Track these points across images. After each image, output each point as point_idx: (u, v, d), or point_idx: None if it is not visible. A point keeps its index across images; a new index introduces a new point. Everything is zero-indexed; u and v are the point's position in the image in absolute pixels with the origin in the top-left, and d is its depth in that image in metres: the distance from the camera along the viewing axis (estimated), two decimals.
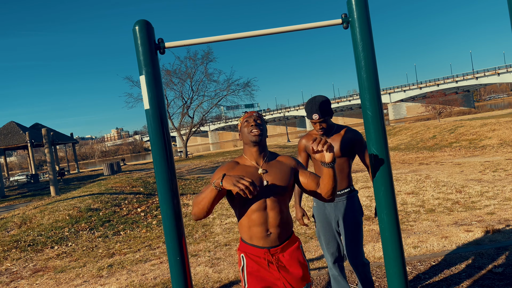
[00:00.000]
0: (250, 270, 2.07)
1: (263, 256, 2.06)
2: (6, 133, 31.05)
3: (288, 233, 2.11)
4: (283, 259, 2.08)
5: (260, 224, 2.03)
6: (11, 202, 16.07)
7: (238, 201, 2.07)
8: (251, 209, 2.02)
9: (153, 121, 2.13)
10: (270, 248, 2.05)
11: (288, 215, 2.11)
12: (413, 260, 3.94)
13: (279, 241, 2.07)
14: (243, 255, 2.10)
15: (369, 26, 2.11)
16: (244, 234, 2.09)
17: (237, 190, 1.83)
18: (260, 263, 2.07)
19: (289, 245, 2.10)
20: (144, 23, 2.12)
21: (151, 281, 4.39)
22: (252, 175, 2.06)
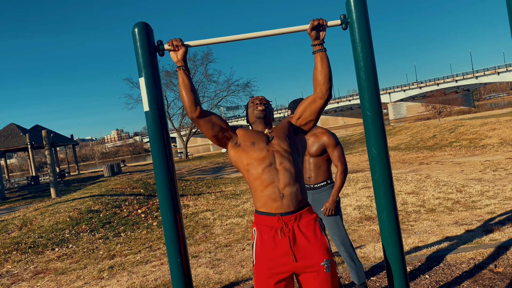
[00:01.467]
0: (260, 247, 1.98)
1: (276, 225, 1.95)
2: (6, 135, 31.06)
3: (303, 200, 2.02)
4: (297, 229, 1.96)
5: (271, 182, 1.98)
6: (12, 204, 16.07)
7: (247, 164, 2.06)
8: (262, 168, 2.01)
9: (153, 123, 2.13)
10: (283, 215, 1.95)
11: (301, 179, 2.06)
12: (413, 260, 3.94)
13: (293, 207, 1.97)
14: (255, 229, 2.04)
15: (368, 27, 2.11)
16: (258, 200, 2.03)
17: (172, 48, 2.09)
18: (271, 234, 1.96)
19: (304, 215, 1.99)
20: (143, 25, 2.13)
21: (151, 283, 4.39)
22: (261, 136, 2.13)
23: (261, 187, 2.01)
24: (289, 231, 1.94)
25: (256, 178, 2.02)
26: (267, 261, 1.95)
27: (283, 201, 1.97)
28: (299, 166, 2.09)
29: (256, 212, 2.07)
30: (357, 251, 4.56)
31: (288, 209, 1.96)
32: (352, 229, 5.74)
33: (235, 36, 2.19)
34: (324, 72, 2.08)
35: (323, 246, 1.97)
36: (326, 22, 2.11)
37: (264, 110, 2.18)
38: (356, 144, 25.46)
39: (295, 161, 2.06)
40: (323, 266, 1.94)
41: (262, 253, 1.97)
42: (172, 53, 2.13)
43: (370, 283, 3.52)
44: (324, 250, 1.97)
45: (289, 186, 1.98)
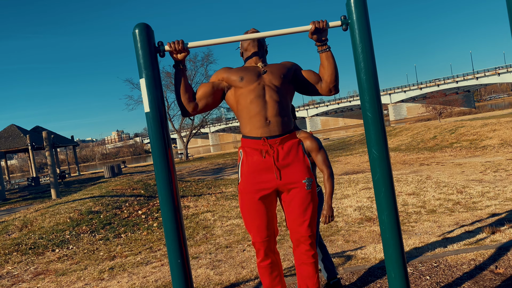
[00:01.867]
0: (246, 166, 2.10)
1: (261, 146, 2.06)
2: (6, 136, 31.08)
3: (288, 128, 2.11)
4: (281, 152, 2.07)
5: (259, 111, 2.05)
6: (12, 205, 16.07)
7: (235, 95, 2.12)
8: (250, 99, 2.06)
9: (153, 124, 2.13)
10: (268, 138, 2.06)
11: (288, 112, 2.13)
12: (414, 261, 3.93)
13: (279, 131, 2.07)
14: (241, 151, 2.14)
15: (368, 28, 2.11)
16: (245, 127, 2.11)
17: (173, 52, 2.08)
18: (257, 155, 2.07)
19: (289, 138, 2.10)
20: (144, 27, 2.13)
21: (152, 284, 4.39)
22: (252, 70, 2.15)
23: (248, 116, 2.08)
24: (273, 152, 2.06)
25: (243, 108, 2.09)
26: (252, 178, 2.08)
27: (269, 127, 2.07)
28: (288, 102, 2.15)
29: (243, 137, 2.16)
30: (357, 252, 4.55)
31: (274, 133, 2.07)
32: (352, 230, 5.73)
33: (236, 37, 2.19)
34: (330, 71, 2.13)
35: (305, 165, 2.10)
36: (327, 23, 2.12)
37: (257, 39, 2.23)
38: (356, 145, 25.46)
39: (284, 97, 2.12)
40: (304, 184, 2.09)
41: (248, 172, 2.09)
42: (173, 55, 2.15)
43: (371, 284, 3.52)
44: (305, 170, 2.10)
45: (276, 116, 2.07)
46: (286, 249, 5.05)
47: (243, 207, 2.16)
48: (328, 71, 2.13)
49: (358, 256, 4.38)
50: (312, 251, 2.25)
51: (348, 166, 15.60)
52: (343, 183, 10.24)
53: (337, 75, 2.16)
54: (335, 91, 2.18)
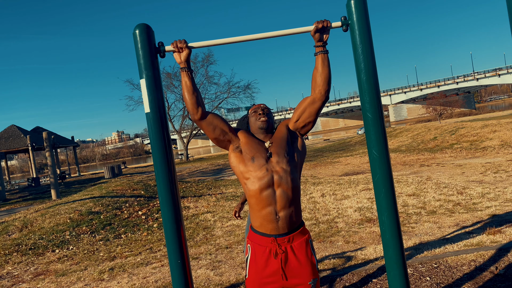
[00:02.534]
0: (254, 264, 2.09)
1: (270, 245, 2.05)
2: (7, 137, 31.09)
3: (297, 222, 2.09)
4: (290, 253, 2.06)
5: (269, 204, 2.03)
6: (12, 206, 16.07)
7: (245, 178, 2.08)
8: (259, 188, 2.03)
9: (154, 124, 2.13)
10: (277, 237, 2.04)
11: (298, 199, 2.10)
12: (414, 262, 3.93)
13: (288, 229, 2.05)
14: (250, 246, 2.13)
15: (368, 28, 2.11)
16: (255, 220, 2.10)
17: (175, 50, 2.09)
18: (265, 254, 2.06)
19: (297, 237, 2.09)
20: (144, 27, 2.13)
21: (152, 284, 4.39)
22: (259, 147, 2.12)
23: (258, 207, 2.05)
24: (282, 253, 2.04)
25: (253, 196, 2.06)
26: (259, 278, 2.07)
27: (278, 223, 2.03)
28: (297, 184, 2.11)
29: (252, 229, 2.14)
30: (357, 253, 4.55)
31: (283, 231, 2.04)
32: (353, 231, 5.73)
33: (237, 37, 2.19)
34: (324, 74, 2.10)
35: (312, 266, 2.09)
36: (330, 24, 2.12)
37: (267, 121, 2.18)
38: (356, 146, 25.46)
39: (293, 181, 2.08)
40: (310, 285, 2.08)
41: (255, 271, 2.08)
42: (175, 55, 2.14)
43: (371, 285, 3.52)
44: (312, 270, 2.09)
45: (285, 209, 2.04)
46: None
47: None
48: (322, 74, 2.10)
49: (358, 257, 4.38)
50: None
51: (349, 167, 15.59)
52: (344, 184, 10.24)
53: (330, 81, 2.13)
54: (325, 97, 2.13)
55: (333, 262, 4.31)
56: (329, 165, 17.10)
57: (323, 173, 14.35)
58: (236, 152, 2.14)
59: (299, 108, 2.18)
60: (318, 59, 2.11)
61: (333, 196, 8.66)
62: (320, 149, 28.89)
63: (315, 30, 2.10)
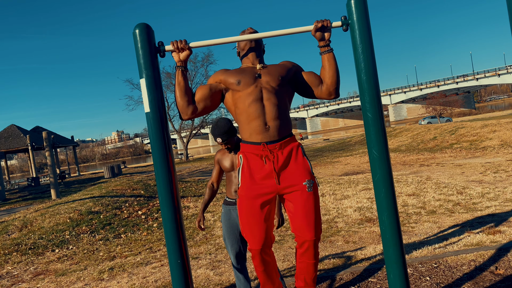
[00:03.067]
0: (246, 171, 2.10)
1: (261, 152, 2.06)
2: (6, 136, 31.07)
3: (287, 131, 2.12)
4: (281, 156, 2.07)
5: (257, 116, 2.06)
6: (12, 205, 16.06)
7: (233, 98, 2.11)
8: (248, 102, 2.06)
9: (154, 124, 2.13)
10: (268, 144, 2.06)
11: (287, 114, 2.13)
12: (414, 262, 3.93)
13: (278, 136, 2.07)
14: (241, 156, 2.15)
15: (368, 28, 2.11)
16: (244, 132, 2.12)
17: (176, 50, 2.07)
18: (257, 160, 2.07)
19: (288, 143, 2.10)
20: (144, 27, 2.13)
21: (152, 284, 4.38)
22: (249, 72, 2.13)
23: (247, 121, 2.08)
24: (273, 157, 2.07)
25: (242, 112, 2.09)
26: (252, 184, 2.07)
27: (268, 132, 2.07)
28: (286, 104, 2.14)
29: (242, 142, 2.17)
30: (357, 253, 4.55)
31: (274, 138, 2.07)
32: (352, 231, 5.73)
33: (237, 37, 2.19)
34: (331, 73, 2.12)
35: (305, 168, 2.09)
36: (330, 23, 2.12)
37: (254, 32, 2.22)
38: (356, 145, 25.46)
39: (282, 98, 2.11)
40: (305, 186, 2.07)
41: (248, 177, 2.09)
42: (174, 54, 2.14)
43: (371, 284, 3.52)
44: (306, 172, 2.10)
45: (274, 120, 2.07)
46: (286, 250, 5.05)
47: (242, 212, 2.14)
48: (329, 73, 2.12)
49: (358, 257, 4.38)
50: (315, 253, 2.27)
51: (348, 166, 15.59)
52: (343, 184, 10.24)
53: (339, 78, 2.14)
54: (335, 95, 2.16)
55: (332, 262, 4.31)
56: (328, 165, 17.10)
57: (323, 173, 14.35)
58: (225, 92, 2.18)
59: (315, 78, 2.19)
60: (324, 58, 2.13)
61: (332, 196, 8.67)
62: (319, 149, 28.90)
63: (315, 29, 2.10)
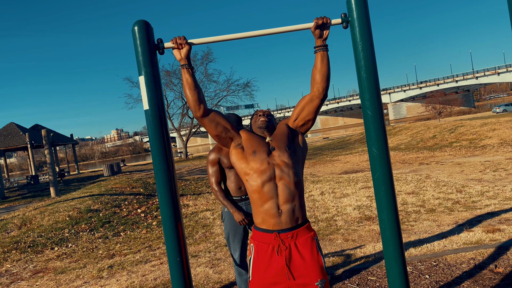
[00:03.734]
0: (256, 264, 2.00)
1: (273, 242, 1.97)
2: (6, 134, 31.04)
3: (301, 217, 2.02)
4: (294, 250, 1.97)
5: (271, 197, 1.98)
6: (11, 203, 16.05)
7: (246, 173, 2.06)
8: (261, 182, 2.00)
9: (153, 122, 2.12)
10: (280, 232, 1.97)
11: (300, 195, 2.04)
12: (413, 260, 3.93)
13: (291, 224, 1.98)
14: (252, 245, 2.06)
15: (369, 25, 2.11)
16: (257, 216, 2.04)
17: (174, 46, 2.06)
18: (268, 251, 1.97)
19: (302, 233, 2.00)
20: (143, 24, 2.11)
21: (151, 282, 4.38)
22: (261, 142, 2.12)
23: (260, 202, 2.01)
24: (285, 249, 1.96)
25: (255, 191, 2.02)
26: (262, 279, 1.98)
27: (281, 218, 1.97)
28: (300, 179, 2.06)
29: (255, 228, 2.08)
30: (357, 251, 4.55)
31: (286, 226, 1.97)
32: (352, 229, 5.73)
33: (238, 34, 2.18)
34: (323, 71, 2.09)
35: (318, 265, 1.98)
36: (330, 20, 2.11)
37: (266, 121, 2.19)
38: (356, 144, 25.47)
39: (296, 174, 2.04)
40: (317, 286, 1.96)
41: (258, 270, 1.99)
42: (175, 52, 2.12)
43: (370, 283, 3.52)
44: (319, 270, 1.98)
45: (287, 203, 1.98)
46: None
47: None
48: (322, 70, 2.10)
49: (358, 255, 4.38)
50: None
51: (348, 165, 15.60)
52: (343, 182, 10.24)
53: (329, 77, 2.12)
54: (324, 94, 2.11)
55: (332, 260, 4.31)
56: (328, 163, 17.10)
57: (322, 171, 14.36)
58: (237, 149, 2.13)
59: (298, 106, 2.18)
60: (317, 56, 2.10)
61: (332, 194, 8.67)
62: (319, 147, 28.90)
63: (315, 26, 2.09)
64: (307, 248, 1.99)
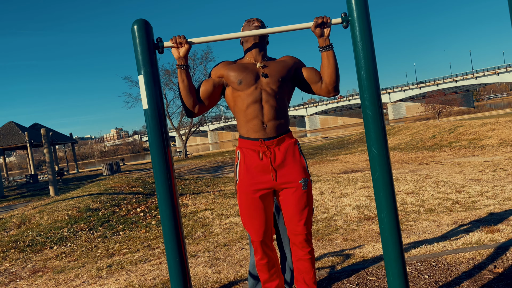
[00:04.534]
0: (244, 167, 2.14)
1: (258, 148, 2.11)
2: (5, 133, 31.01)
3: (285, 128, 2.16)
4: (278, 153, 2.11)
5: (255, 116, 2.10)
6: (10, 202, 16.04)
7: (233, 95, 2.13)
8: (247, 103, 2.09)
9: (152, 121, 2.12)
10: (265, 140, 2.11)
11: (285, 112, 2.17)
12: (413, 260, 3.93)
13: (275, 133, 2.12)
14: (239, 151, 2.19)
15: (369, 25, 2.10)
16: (242, 129, 2.16)
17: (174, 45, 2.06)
18: (254, 156, 2.12)
19: (285, 139, 2.15)
20: (143, 22, 2.11)
21: (150, 282, 4.38)
22: (250, 70, 2.14)
23: (245, 119, 2.13)
24: (270, 154, 2.12)
25: (240, 110, 2.13)
26: (249, 179, 2.13)
27: (265, 130, 2.12)
28: (285, 104, 2.18)
29: (240, 137, 2.21)
30: (356, 251, 4.55)
31: (270, 135, 2.12)
32: (351, 229, 5.73)
33: (237, 33, 2.17)
34: (330, 70, 2.12)
35: (301, 166, 2.16)
36: (330, 19, 2.11)
37: (259, 26, 2.22)
38: (355, 144, 25.47)
39: (282, 100, 2.15)
40: (301, 184, 2.14)
41: (246, 172, 2.15)
42: (173, 50, 2.12)
43: (370, 283, 3.51)
44: (302, 170, 2.16)
45: (272, 120, 2.11)
46: None
47: (242, 206, 2.21)
48: (327, 70, 2.12)
49: (357, 255, 4.37)
50: (309, 248, 2.32)
51: (347, 164, 15.60)
52: (342, 182, 10.24)
53: (338, 76, 2.15)
54: (334, 93, 2.18)
55: (331, 260, 4.30)
56: (327, 163, 17.10)
57: (322, 170, 14.35)
58: (227, 87, 2.19)
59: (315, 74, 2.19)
60: (323, 55, 2.14)
61: (331, 194, 8.67)
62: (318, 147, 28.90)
63: (315, 25, 2.09)
64: (290, 151, 2.15)
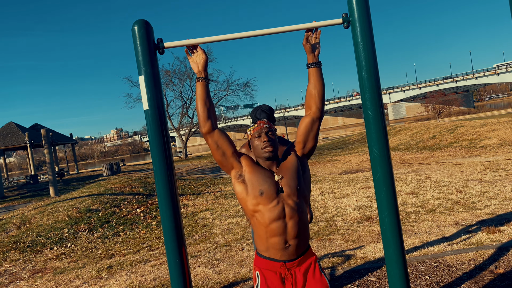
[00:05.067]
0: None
1: (279, 270, 1.99)
2: (5, 134, 31.01)
3: (305, 246, 2.05)
4: (299, 274, 2.01)
5: (279, 234, 1.95)
6: (11, 203, 16.03)
7: (253, 210, 1.98)
8: (269, 219, 1.94)
9: (152, 122, 2.11)
10: (286, 262, 1.99)
11: (306, 225, 2.04)
12: (414, 261, 3.92)
13: (297, 254, 2.00)
14: (258, 273, 2.04)
15: (370, 25, 2.10)
16: (261, 245, 2.01)
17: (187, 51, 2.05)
18: (275, 279, 2.00)
19: (305, 259, 2.04)
20: (143, 23, 2.10)
21: (150, 282, 4.37)
22: (267, 179, 1.99)
23: (267, 236, 1.98)
24: (291, 277, 1.99)
25: (262, 226, 1.98)
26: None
27: (288, 250, 1.98)
28: (305, 213, 2.04)
29: (258, 254, 2.06)
30: (357, 252, 4.54)
31: (292, 257, 1.99)
32: (352, 229, 5.72)
33: (237, 34, 2.17)
34: (319, 88, 2.05)
35: (323, 285, 2.03)
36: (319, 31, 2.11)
37: (273, 151, 2.02)
38: (355, 144, 25.46)
39: (304, 211, 2.02)
40: None
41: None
42: (193, 64, 2.05)
43: (370, 283, 3.51)
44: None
45: (295, 239, 1.98)
46: None
47: None
48: (317, 87, 2.03)
49: (358, 256, 4.37)
50: None
51: (347, 165, 15.59)
52: (343, 182, 10.23)
53: (324, 94, 2.09)
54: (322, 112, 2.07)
55: (332, 261, 4.30)
56: (328, 163, 17.09)
57: (322, 171, 14.35)
58: (239, 182, 2.02)
59: (301, 134, 2.08)
60: (312, 72, 2.05)
61: (332, 195, 8.66)
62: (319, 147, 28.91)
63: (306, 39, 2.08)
64: (310, 271, 2.03)
